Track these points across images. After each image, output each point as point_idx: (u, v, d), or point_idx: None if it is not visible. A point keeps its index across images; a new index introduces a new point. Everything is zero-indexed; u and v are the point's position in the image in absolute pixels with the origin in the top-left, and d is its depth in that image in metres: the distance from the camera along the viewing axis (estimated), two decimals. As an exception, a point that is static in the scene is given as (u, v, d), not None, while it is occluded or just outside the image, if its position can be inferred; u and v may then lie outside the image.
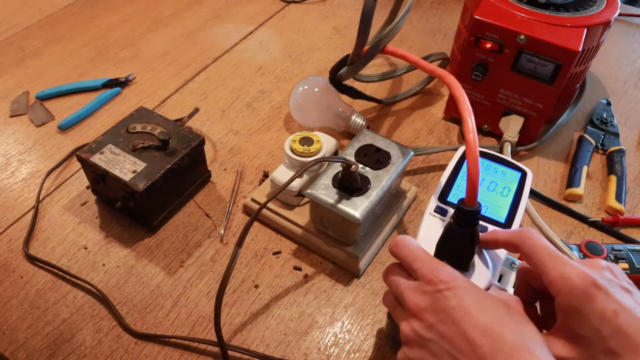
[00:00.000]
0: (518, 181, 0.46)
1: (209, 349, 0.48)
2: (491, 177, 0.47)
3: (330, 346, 0.49)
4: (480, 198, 0.43)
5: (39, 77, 0.78)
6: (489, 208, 0.44)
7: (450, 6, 0.96)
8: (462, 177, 0.47)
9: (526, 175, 0.47)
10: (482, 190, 0.45)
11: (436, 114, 0.73)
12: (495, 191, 0.46)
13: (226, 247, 0.56)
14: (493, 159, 0.48)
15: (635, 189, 0.64)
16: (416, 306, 0.36)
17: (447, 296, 0.35)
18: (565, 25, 0.60)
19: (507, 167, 0.48)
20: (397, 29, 0.58)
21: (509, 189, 0.46)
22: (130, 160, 0.54)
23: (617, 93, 0.78)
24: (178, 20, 0.90)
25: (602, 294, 0.33)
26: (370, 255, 0.55)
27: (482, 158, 0.47)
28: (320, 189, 0.51)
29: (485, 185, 0.46)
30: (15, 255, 0.55)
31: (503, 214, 0.44)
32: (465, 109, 0.40)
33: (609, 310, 0.32)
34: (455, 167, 0.47)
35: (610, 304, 0.32)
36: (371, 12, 0.55)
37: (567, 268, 0.34)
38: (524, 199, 0.45)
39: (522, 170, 0.47)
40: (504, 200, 0.45)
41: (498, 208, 0.44)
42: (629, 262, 0.52)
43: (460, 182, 0.46)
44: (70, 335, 0.48)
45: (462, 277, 0.36)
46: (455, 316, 0.34)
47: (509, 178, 0.47)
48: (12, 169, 0.64)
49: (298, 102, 0.66)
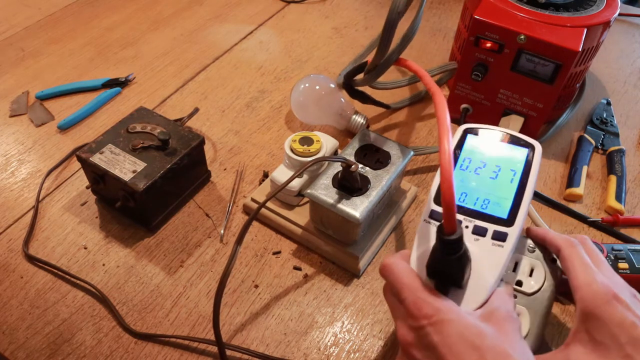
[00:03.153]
0: (525, 160, 0.43)
1: (208, 349, 0.48)
2: (494, 160, 0.44)
3: (330, 346, 0.49)
4: (480, 190, 0.42)
5: (39, 77, 0.78)
6: (490, 202, 0.42)
7: (450, 6, 0.96)
8: (461, 165, 0.44)
9: (534, 151, 0.43)
10: (482, 181, 0.43)
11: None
12: (499, 178, 0.43)
13: (226, 247, 0.56)
14: (497, 137, 0.46)
15: (635, 189, 0.64)
16: (404, 339, 0.36)
17: (429, 332, 0.34)
18: (565, 25, 0.60)
19: (513, 144, 0.44)
20: (412, 35, 0.58)
21: (514, 172, 0.42)
22: (130, 160, 0.54)
23: (617, 93, 0.78)
24: (178, 20, 0.90)
25: (622, 306, 0.35)
26: (370, 255, 0.55)
27: (484, 138, 0.46)
28: (320, 189, 0.51)
29: (487, 173, 0.43)
30: (15, 255, 0.55)
31: (506, 206, 0.41)
32: (445, 131, 0.38)
33: (627, 320, 0.34)
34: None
35: (629, 315, 0.34)
36: (395, 24, 0.54)
37: (594, 278, 0.36)
38: (530, 182, 0.42)
39: (529, 145, 0.44)
40: (509, 189, 0.42)
41: (501, 199, 0.41)
42: (629, 262, 0.52)
43: (460, 174, 0.43)
44: (70, 335, 0.48)
45: (446, 309, 0.35)
46: (440, 353, 0.33)
47: (515, 158, 0.43)
48: (12, 169, 0.64)
49: (299, 100, 0.66)
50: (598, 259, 0.40)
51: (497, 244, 0.40)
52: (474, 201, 0.42)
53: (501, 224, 0.40)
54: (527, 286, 0.42)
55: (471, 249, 0.39)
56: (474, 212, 0.42)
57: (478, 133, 0.47)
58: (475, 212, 0.42)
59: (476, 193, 0.43)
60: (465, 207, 0.42)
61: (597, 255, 0.40)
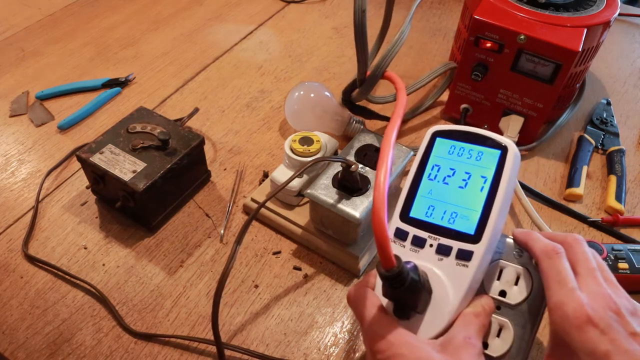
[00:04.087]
0: (496, 164, 0.38)
1: (208, 349, 0.48)
2: (464, 166, 0.39)
3: (330, 346, 0.49)
4: (448, 202, 0.39)
5: (39, 77, 0.78)
6: (458, 215, 0.38)
7: (450, 6, 0.96)
8: (429, 175, 0.40)
9: (507, 153, 0.38)
10: (451, 191, 0.39)
11: (436, 113, 0.73)
12: (468, 187, 0.38)
13: (226, 247, 0.56)
14: (467, 139, 0.40)
15: (635, 188, 0.64)
16: None
17: None
18: (565, 25, 0.60)
19: (484, 147, 0.39)
20: (400, 42, 0.57)
21: (484, 179, 0.38)
22: (130, 160, 0.54)
23: (617, 93, 0.78)
24: (178, 20, 0.90)
25: (596, 331, 0.31)
26: (370, 255, 0.55)
27: (453, 140, 0.41)
28: (320, 189, 0.51)
29: (456, 182, 0.39)
30: (15, 255, 0.55)
31: (474, 220, 0.37)
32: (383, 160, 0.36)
33: (599, 350, 0.30)
34: (419, 165, 0.41)
35: (603, 343, 0.30)
36: (363, 22, 0.53)
37: (567, 298, 0.33)
38: (501, 190, 0.37)
39: (501, 146, 0.38)
40: (478, 199, 0.38)
41: (469, 212, 0.38)
42: (628, 262, 0.52)
43: (428, 185, 0.40)
44: (70, 335, 0.48)
45: (399, 342, 0.34)
46: None
47: (486, 161, 0.38)
48: (12, 169, 0.64)
49: (294, 108, 0.65)
50: (586, 268, 0.35)
51: (462, 264, 0.37)
52: (440, 215, 0.39)
53: (467, 241, 0.37)
54: (511, 297, 0.38)
55: (434, 271, 0.37)
56: (439, 228, 0.38)
57: (448, 136, 0.41)
58: (441, 228, 0.38)
59: (444, 206, 0.39)
60: (430, 222, 0.39)
61: (585, 262, 0.35)
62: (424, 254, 0.38)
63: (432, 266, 0.37)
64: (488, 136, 0.40)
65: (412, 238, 0.39)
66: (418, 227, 0.39)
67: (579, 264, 0.36)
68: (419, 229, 0.39)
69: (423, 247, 0.38)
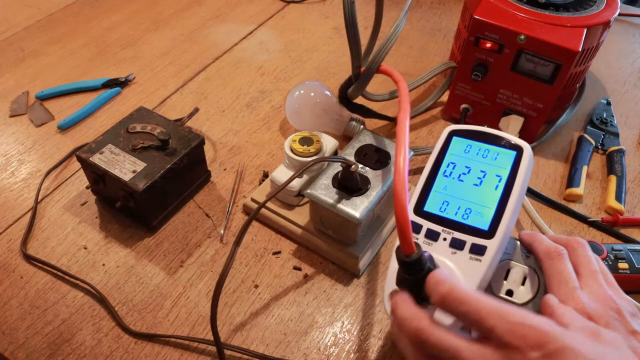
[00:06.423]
0: (512, 164, 0.40)
1: (208, 349, 0.48)
2: (479, 164, 0.41)
3: (330, 346, 0.49)
4: (463, 199, 0.40)
5: (39, 77, 0.78)
6: (472, 211, 0.39)
7: (450, 6, 0.96)
8: (444, 172, 0.42)
9: (522, 154, 0.40)
10: (466, 188, 0.40)
11: (435, 113, 0.73)
12: (483, 185, 0.40)
13: (226, 247, 0.56)
14: (483, 139, 0.42)
15: (635, 189, 0.64)
16: None
17: None
18: (565, 25, 0.60)
19: (500, 147, 0.41)
20: (395, 36, 0.57)
21: (499, 178, 0.39)
22: (130, 160, 0.54)
23: (617, 93, 0.78)
24: (178, 20, 0.90)
25: None
26: (370, 255, 0.55)
27: (469, 140, 0.42)
28: (320, 189, 0.51)
29: (471, 180, 0.40)
30: (15, 255, 0.55)
31: (488, 216, 0.38)
32: (402, 145, 0.36)
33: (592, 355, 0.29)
34: (437, 157, 0.42)
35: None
36: (353, 16, 0.53)
37: (568, 296, 0.33)
38: (516, 189, 0.39)
39: (517, 147, 0.40)
40: (492, 197, 0.39)
41: (483, 209, 0.39)
42: (628, 262, 0.52)
43: (443, 181, 0.41)
44: (70, 335, 0.48)
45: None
46: None
47: (502, 161, 0.40)
48: (12, 169, 0.64)
49: (294, 107, 0.65)
50: (588, 270, 0.36)
51: (475, 258, 0.37)
52: (455, 211, 0.40)
53: (481, 236, 0.38)
54: (518, 296, 0.39)
55: (448, 264, 0.38)
56: (453, 222, 0.39)
57: (465, 135, 0.43)
58: (455, 222, 0.39)
59: (458, 202, 0.40)
60: (445, 217, 0.40)
61: (587, 265, 0.36)
62: (438, 246, 0.39)
63: (446, 259, 0.38)
64: (504, 137, 0.41)
65: (425, 231, 0.40)
66: (432, 221, 0.40)
67: (582, 266, 0.36)
68: (433, 222, 0.40)
69: (437, 240, 0.39)
